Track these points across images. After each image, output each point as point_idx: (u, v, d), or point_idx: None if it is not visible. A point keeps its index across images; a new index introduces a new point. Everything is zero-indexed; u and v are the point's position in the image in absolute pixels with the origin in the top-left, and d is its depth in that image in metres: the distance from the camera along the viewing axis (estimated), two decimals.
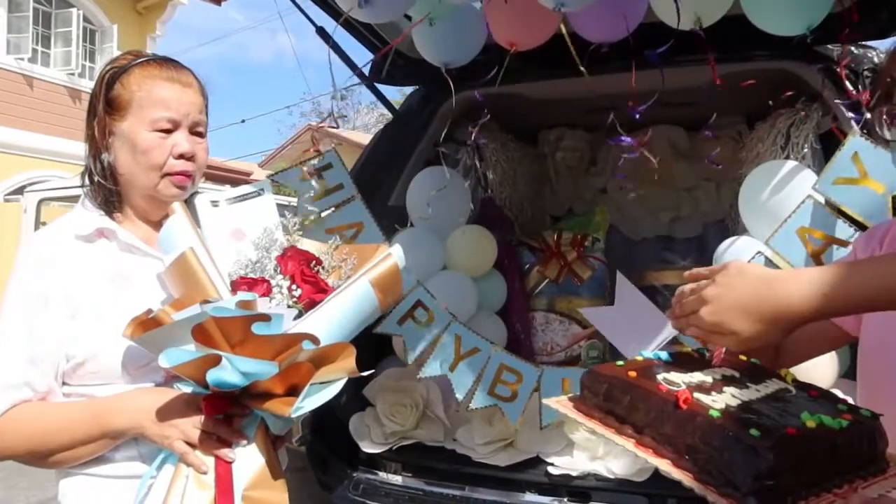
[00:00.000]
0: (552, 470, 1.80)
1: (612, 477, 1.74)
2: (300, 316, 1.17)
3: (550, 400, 0.96)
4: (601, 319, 2.15)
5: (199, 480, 1.08)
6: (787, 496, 0.73)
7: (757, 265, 0.98)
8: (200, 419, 1.09)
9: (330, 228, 1.80)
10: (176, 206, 1.21)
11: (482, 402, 1.83)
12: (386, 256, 1.28)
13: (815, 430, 0.78)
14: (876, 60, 2.00)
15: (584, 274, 2.69)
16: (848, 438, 0.80)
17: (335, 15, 1.95)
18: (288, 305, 1.18)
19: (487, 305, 2.46)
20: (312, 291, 1.20)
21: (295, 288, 1.20)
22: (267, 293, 1.17)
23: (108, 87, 1.23)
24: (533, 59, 1.98)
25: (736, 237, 2.02)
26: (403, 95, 2.78)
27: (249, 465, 1.11)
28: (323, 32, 2.22)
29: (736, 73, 1.94)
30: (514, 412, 1.82)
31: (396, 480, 1.90)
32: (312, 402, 1.06)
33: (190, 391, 1.09)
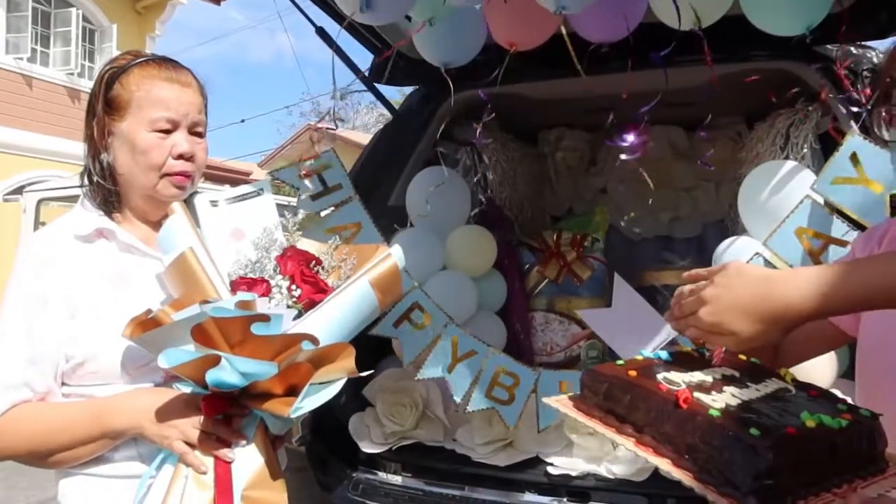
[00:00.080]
0: (552, 470, 1.79)
1: (611, 477, 1.74)
2: (300, 316, 1.17)
3: (551, 399, 0.96)
4: (599, 322, 2.15)
5: (198, 480, 1.08)
6: (786, 496, 0.74)
7: (756, 265, 0.98)
8: (200, 419, 1.09)
9: (329, 228, 1.80)
10: (175, 206, 1.21)
11: (479, 404, 1.83)
12: (386, 257, 1.28)
13: (814, 429, 0.78)
14: (875, 60, 2.00)
15: (583, 274, 2.69)
16: (847, 438, 0.80)
17: (336, 17, 1.95)
18: (287, 305, 1.18)
19: (487, 305, 2.46)
20: (312, 291, 1.20)
21: (294, 288, 1.20)
22: (266, 293, 1.17)
23: (107, 87, 1.23)
24: (533, 59, 1.98)
25: (735, 237, 2.02)
26: (403, 95, 2.78)
27: (249, 465, 1.11)
28: (322, 33, 2.22)
29: (735, 73, 1.94)
30: (511, 415, 1.82)
31: (396, 480, 1.90)
32: (312, 402, 1.06)
33: (189, 391, 1.09)
